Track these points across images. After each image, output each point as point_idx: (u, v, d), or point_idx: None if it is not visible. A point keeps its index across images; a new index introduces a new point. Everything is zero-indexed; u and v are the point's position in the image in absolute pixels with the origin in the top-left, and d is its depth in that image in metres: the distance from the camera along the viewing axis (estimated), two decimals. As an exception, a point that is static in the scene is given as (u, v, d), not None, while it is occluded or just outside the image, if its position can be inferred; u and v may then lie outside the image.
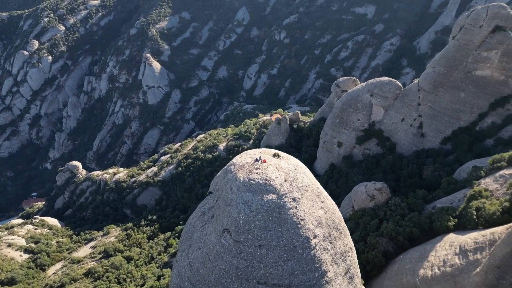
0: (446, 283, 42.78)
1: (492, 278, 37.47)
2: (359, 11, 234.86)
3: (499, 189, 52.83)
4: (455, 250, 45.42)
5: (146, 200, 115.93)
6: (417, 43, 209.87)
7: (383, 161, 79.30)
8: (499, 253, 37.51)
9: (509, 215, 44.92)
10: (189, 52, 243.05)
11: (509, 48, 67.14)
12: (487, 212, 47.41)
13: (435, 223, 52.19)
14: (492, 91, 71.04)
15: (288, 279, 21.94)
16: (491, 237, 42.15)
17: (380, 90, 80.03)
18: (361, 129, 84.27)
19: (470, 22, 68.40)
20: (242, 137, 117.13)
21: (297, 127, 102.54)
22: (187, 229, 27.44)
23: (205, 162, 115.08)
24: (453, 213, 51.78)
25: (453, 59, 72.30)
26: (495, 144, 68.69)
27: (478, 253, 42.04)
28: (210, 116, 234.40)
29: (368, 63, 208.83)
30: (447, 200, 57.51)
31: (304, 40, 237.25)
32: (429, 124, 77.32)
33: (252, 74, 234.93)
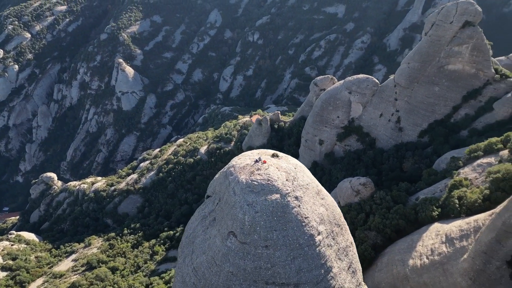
0: (435, 271, 44.29)
1: (480, 264, 39.12)
2: (329, 10, 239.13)
3: (478, 177, 55.19)
4: (441, 238, 47.09)
5: (127, 208, 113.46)
6: (387, 40, 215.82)
7: (364, 157, 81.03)
8: (484, 239, 39.21)
9: (490, 202, 47.01)
10: (162, 56, 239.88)
11: (478, 42, 70.27)
12: (468, 201, 49.41)
13: (420, 214, 53.92)
14: (464, 84, 74.11)
15: (296, 277, 22.13)
16: (475, 224, 43.98)
17: (358, 87, 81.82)
18: (341, 126, 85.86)
19: (441, 18, 71.06)
20: (223, 140, 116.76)
21: (278, 127, 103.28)
22: (187, 234, 27.16)
23: (187, 167, 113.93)
24: (436, 203, 53.69)
25: (426, 55, 74.88)
26: (469, 135, 71.66)
27: (464, 240, 43.77)
28: (187, 119, 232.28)
29: (341, 61, 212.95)
30: (429, 191, 59.51)
31: (277, 41, 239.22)
32: (406, 118, 79.73)
33: (227, 76, 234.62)
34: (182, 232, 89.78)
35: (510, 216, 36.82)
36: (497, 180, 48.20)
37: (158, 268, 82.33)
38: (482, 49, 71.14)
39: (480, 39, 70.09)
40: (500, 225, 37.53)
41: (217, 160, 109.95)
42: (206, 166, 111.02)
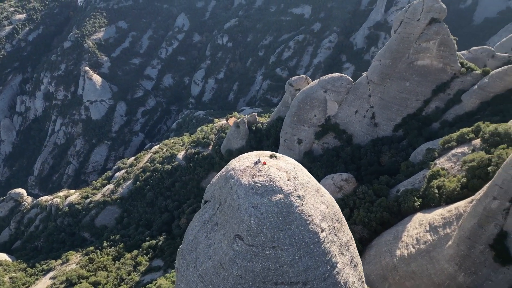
0: (422, 260, 45.98)
1: (464, 249, 41.02)
2: (296, 11, 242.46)
3: (453, 167, 57.79)
4: (425, 227, 48.93)
5: (105, 220, 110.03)
6: (353, 39, 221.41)
7: (343, 153, 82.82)
8: (467, 225, 41.15)
9: (468, 189, 49.40)
10: (130, 62, 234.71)
11: (444, 38, 73.63)
12: (447, 189, 51.70)
13: (403, 205, 55.84)
14: (433, 78, 77.42)
15: (304, 275, 22.38)
16: (456, 212, 46.03)
17: (333, 85, 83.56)
18: (318, 124, 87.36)
19: (409, 16, 73.89)
20: (201, 144, 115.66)
21: (255, 129, 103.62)
22: (188, 241, 26.81)
23: (165, 174, 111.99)
24: (417, 194, 55.79)
25: (396, 51, 77.65)
26: (441, 127, 74.90)
27: (447, 228, 45.72)
28: (159, 126, 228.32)
29: (311, 61, 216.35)
30: (408, 182, 61.68)
31: (247, 43, 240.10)
32: (381, 113, 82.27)
33: (199, 80, 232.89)
34: (165, 240, 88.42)
35: (490, 201, 38.88)
36: (473, 168, 50.72)
37: (143, 279, 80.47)
38: (448, 44, 74.62)
39: (446, 35, 73.47)
40: (482, 211, 39.54)
41: (196, 165, 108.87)
42: (185, 171, 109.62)
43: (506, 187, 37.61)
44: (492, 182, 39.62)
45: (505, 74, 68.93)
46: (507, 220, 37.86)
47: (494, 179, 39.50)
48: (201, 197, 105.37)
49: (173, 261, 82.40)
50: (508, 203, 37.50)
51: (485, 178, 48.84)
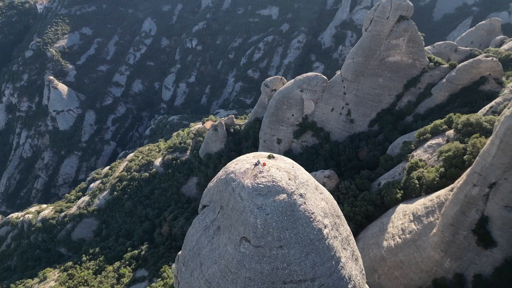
0: (409, 249, 47.60)
1: (449, 235, 42.87)
2: (264, 12, 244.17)
3: (430, 158, 60.18)
4: (409, 218, 50.68)
5: (82, 233, 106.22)
6: (321, 38, 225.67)
7: (322, 151, 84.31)
8: (450, 212, 43.04)
9: (446, 178, 51.61)
10: (97, 69, 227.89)
11: (413, 35, 76.61)
12: (427, 180, 53.78)
13: (386, 198, 57.55)
14: (404, 74, 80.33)
15: (311, 272, 22.65)
16: (438, 200, 48.00)
17: (309, 85, 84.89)
18: (296, 123, 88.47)
19: (378, 14, 76.29)
20: (178, 149, 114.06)
21: (233, 131, 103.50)
22: (190, 247, 26.49)
23: (143, 182, 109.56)
24: (398, 186, 57.70)
25: (368, 49, 79.93)
26: (414, 120, 77.82)
27: (430, 216, 47.58)
28: (131, 133, 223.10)
29: (281, 62, 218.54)
30: (388, 175, 63.65)
31: (216, 46, 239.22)
32: (356, 110, 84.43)
33: (169, 84, 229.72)
34: (148, 250, 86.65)
35: (471, 188, 40.88)
36: (450, 157, 53.07)
37: (127, 291, 78.49)
38: (417, 40, 77.71)
39: (414, 32, 76.49)
40: (463, 198, 41.51)
41: (175, 171, 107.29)
42: (164, 178, 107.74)
43: (484, 174, 39.68)
44: (471, 170, 41.68)
45: (470, 67, 72.59)
46: (488, 205, 39.94)
47: (473, 167, 41.58)
48: (182, 203, 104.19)
49: (158, 270, 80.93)
50: (488, 189, 39.58)
51: (462, 166, 51.25)
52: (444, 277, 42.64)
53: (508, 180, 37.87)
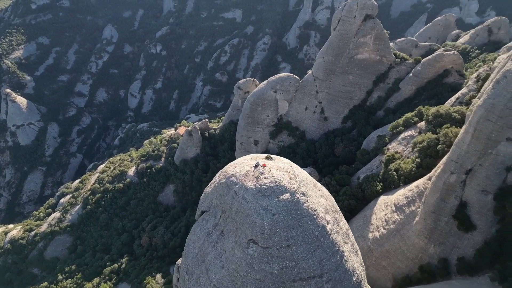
0: (394, 238, 49.29)
1: (431, 222, 44.81)
2: (227, 16, 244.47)
3: (405, 149, 62.60)
4: (391, 208, 52.50)
5: (56, 252, 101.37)
6: (286, 39, 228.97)
7: (298, 149, 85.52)
8: (430, 200, 45.01)
9: (423, 168, 53.92)
10: (57, 79, 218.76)
11: (379, 32, 79.43)
12: (405, 171, 55.92)
13: (366, 191, 59.27)
14: (373, 70, 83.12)
15: (319, 268, 23.05)
16: (417, 190, 50.06)
17: (282, 85, 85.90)
18: (272, 124, 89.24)
19: (346, 14, 78.52)
20: (152, 157, 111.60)
21: (208, 135, 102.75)
22: (192, 255, 26.13)
23: (117, 193, 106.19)
24: (377, 179, 59.57)
25: (337, 48, 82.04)
26: (385, 114, 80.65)
27: (411, 206, 49.54)
28: (98, 144, 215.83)
29: (248, 64, 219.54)
30: (367, 169, 65.58)
31: (181, 50, 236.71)
32: (329, 108, 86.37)
33: (135, 91, 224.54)
34: (128, 262, 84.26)
35: (449, 176, 42.98)
36: (424, 148, 55.52)
37: (110, 307, 75.77)
38: (383, 37, 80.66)
39: (380, 29, 79.36)
40: (442, 186, 43.56)
41: (150, 180, 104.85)
42: (139, 188, 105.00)
43: (461, 161, 41.88)
44: (448, 158, 43.84)
45: (434, 61, 76.29)
46: (465, 191, 42.15)
47: (449, 156, 43.75)
48: (160, 212, 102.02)
49: (141, 282, 78.82)
50: (464, 175, 41.78)
51: (436, 156, 53.79)
52: (429, 263, 44.48)
53: (483, 165, 40.17)
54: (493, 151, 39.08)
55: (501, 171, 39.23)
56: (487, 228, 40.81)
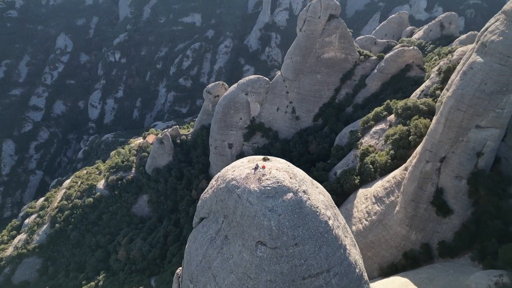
0: (377, 229, 51.08)
1: (411, 210, 46.91)
2: (187, 20, 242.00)
3: (377, 143, 65.00)
4: (371, 200, 54.36)
5: (25, 275, 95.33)
6: (247, 42, 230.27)
7: (273, 150, 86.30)
8: (409, 189, 47.12)
9: (397, 159, 56.29)
10: (9, 94, 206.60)
11: (343, 31, 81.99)
12: (380, 163, 58.10)
13: (345, 185, 60.96)
14: (339, 68, 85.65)
15: (326, 263, 23.51)
16: (395, 180, 52.20)
17: (253, 87, 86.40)
18: (245, 126, 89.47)
19: (310, 14, 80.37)
20: (122, 168, 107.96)
21: (180, 142, 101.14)
22: (196, 263, 25.74)
23: (88, 208, 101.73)
24: (354, 173, 61.46)
25: (304, 48, 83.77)
26: (354, 110, 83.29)
27: (391, 196, 51.58)
28: (59, 159, 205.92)
29: (212, 68, 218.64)
30: (342, 164, 67.43)
31: (141, 57, 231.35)
32: (300, 107, 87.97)
33: (95, 102, 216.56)
34: (106, 279, 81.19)
35: (424, 165, 45.23)
36: (397, 140, 57.98)
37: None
38: (347, 36, 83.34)
39: (344, 28, 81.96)
40: (419, 174, 45.76)
41: (122, 192, 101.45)
42: (111, 201, 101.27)
43: (435, 150, 44.22)
44: (422, 148, 46.10)
45: (396, 56, 79.87)
46: (441, 178, 44.57)
47: (423, 145, 46.03)
48: (135, 224, 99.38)
49: (122, 298, 76.21)
50: (439, 163, 44.17)
51: (408, 147, 56.37)
52: (412, 249, 46.51)
53: (456, 153, 42.68)
54: (464, 138, 41.63)
55: (472, 157, 41.87)
56: (463, 211, 43.36)
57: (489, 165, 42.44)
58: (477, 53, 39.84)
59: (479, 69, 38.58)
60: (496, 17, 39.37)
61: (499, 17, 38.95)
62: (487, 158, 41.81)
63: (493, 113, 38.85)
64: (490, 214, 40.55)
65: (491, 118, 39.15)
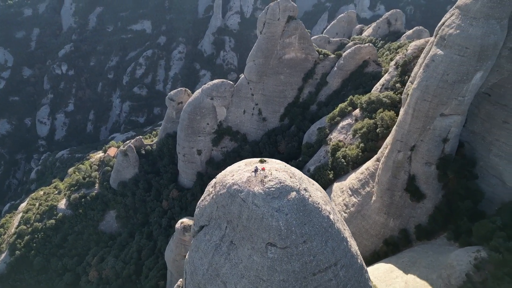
0: (356, 220, 53.03)
1: (387, 199, 49.25)
2: (136, 28, 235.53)
3: (346, 137, 67.45)
4: (347, 193, 56.34)
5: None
6: (201, 47, 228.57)
7: (243, 152, 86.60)
8: (383, 179, 49.44)
9: (367, 152, 58.83)
10: None
11: (302, 32, 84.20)
12: (352, 157, 60.39)
13: (319, 181, 62.41)
14: (301, 68, 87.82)
15: (333, 257, 24.18)
16: (368, 172, 54.51)
17: (218, 92, 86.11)
18: (212, 131, 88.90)
19: (270, 17, 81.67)
20: (84, 185, 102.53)
21: (145, 152, 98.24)
22: (202, 272, 25.33)
23: (50, 231, 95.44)
24: (327, 168, 63.38)
25: (266, 50, 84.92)
26: (318, 108, 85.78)
27: (366, 187, 53.80)
28: (8, 181, 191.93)
29: (167, 74, 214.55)
30: (314, 160, 69.24)
31: (91, 68, 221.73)
32: (266, 108, 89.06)
33: (44, 118, 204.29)
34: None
35: (396, 154, 47.69)
36: (365, 133, 60.59)
37: None
38: (306, 37, 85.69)
39: (303, 29, 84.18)
40: (392, 164, 48.17)
41: (87, 210, 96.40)
42: (75, 220, 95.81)
43: (405, 140, 46.80)
44: (393, 139, 48.58)
45: (354, 53, 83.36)
46: (412, 165, 47.23)
47: (394, 136, 48.51)
48: (104, 242, 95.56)
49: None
50: (410, 151, 46.80)
51: (377, 139, 59.12)
52: (392, 235, 48.85)
53: (424, 141, 45.46)
54: (430, 126, 44.46)
55: (439, 143, 44.83)
56: (435, 195, 46.27)
57: (454, 150, 45.61)
58: (437, 46, 42.77)
59: (441, 61, 41.44)
60: (451, 12, 42.50)
61: (454, 11, 42.10)
62: (452, 144, 44.95)
63: (455, 101, 41.87)
64: (460, 195, 43.63)
65: (454, 106, 42.17)
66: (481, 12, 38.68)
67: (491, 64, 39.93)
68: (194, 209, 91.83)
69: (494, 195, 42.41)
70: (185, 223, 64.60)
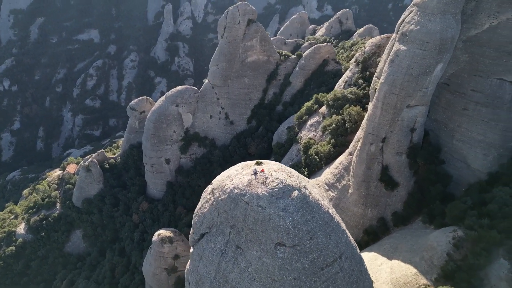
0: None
1: (363, 190, 51.29)
2: (83, 37, 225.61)
3: (315, 135, 69.26)
4: (324, 188, 57.88)
5: None
6: (154, 54, 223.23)
7: (213, 157, 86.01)
8: (358, 171, 51.45)
9: (339, 147, 60.86)
10: None
11: (263, 34, 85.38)
12: (324, 153, 62.19)
13: (295, 179, 63.56)
14: (264, 70, 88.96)
15: (338, 250, 25.03)
16: (342, 166, 56.43)
17: (182, 98, 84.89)
18: (180, 139, 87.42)
19: (230, 21, 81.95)
20: (43, 207, 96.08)
21: (109, 166, 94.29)
22: (210, 280, 25.02)
23: (10, 258, 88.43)
24: (301, 165, 64.69)
25: (229, 54, 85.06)
26: (284, 108, 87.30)
27: (342, 181, 55.65)
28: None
29: (120, 84, 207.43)
30: (287, 159, 70.35)
31: (36, 82, 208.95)
32: (232, 111, 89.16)
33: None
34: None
35: (369, 147, 49.81)
36: (334, 129, 62.61)
37: None
38: (266, 39, 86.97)
39: (263, 32, 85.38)
40: (365, 156, 50.28)
41: (50, 232, 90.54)
42: (38, 245, 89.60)
43: (376, 132, 49.04)
44: (365, 132, 50.69)
45: (314, 53, 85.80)
46: (384, 156, 49.59)
47: (365, 130, 50.63)
48: (72, 264, 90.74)
49: None
50: (381, 143, 49.11)
51: (346, 134, 61.35)
52: (371, 225, 50.94)
53: (394, 132, 47.93)
54: (399, 118, 46.99)
55: (407, 133, 47.50)
56: (407, 182, 48.89)
57: (421, 139, 48.51)
58: (400, 42, 45.35)
59: (404, 55, 44.01)
60: (410, 9, 45.30)
61: (412, 9, 44.91)
62: (419, 133, 47.82)
63: (420, 93, 44.63)
64: (430, 180, 46.46)
65: (419, 97, 44.93)
66: (438, 8, 41.62)
67: (449, 56, 43.07)
68: (166, 220, 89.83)
69: (460, 178, 45.57)
70: (163, 235, 63.06)
